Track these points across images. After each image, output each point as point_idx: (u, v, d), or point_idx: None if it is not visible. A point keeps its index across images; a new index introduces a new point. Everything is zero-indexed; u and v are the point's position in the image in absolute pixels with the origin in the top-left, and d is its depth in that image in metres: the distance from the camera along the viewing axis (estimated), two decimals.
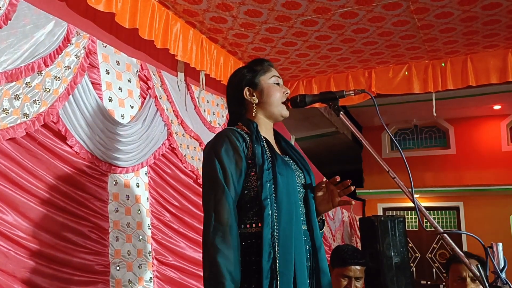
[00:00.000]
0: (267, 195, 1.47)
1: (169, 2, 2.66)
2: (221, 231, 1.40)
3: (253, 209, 1.51)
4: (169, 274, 2.59)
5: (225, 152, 1.51)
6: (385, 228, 5.46)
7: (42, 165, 1.91)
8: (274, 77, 1.69)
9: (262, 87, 1.66)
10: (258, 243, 1.44)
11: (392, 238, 5.43)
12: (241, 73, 1.72)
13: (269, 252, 1.42)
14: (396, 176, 1.39)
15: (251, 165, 1.53)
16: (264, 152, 1.54)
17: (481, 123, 8.34)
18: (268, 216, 1.45)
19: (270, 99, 1.65)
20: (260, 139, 1.57)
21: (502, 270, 1.17)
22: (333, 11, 2.83)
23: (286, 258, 1.44)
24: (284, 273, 1.41)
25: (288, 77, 4.15)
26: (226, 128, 1.62)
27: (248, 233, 1.49)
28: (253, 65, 1.72)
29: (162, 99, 2.73)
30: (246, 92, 1.68)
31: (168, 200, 2.69)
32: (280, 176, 1.51)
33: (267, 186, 1.48)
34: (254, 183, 1.52)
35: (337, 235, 6.35)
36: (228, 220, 1.42)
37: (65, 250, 1.95)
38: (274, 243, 1.43)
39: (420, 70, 3.82)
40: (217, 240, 1.39)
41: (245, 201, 1.52)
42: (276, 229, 1.45)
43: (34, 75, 1.88)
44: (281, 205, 1.48)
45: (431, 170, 8.36)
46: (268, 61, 1.74)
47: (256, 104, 1.66)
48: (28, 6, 1.89)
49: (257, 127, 1.62)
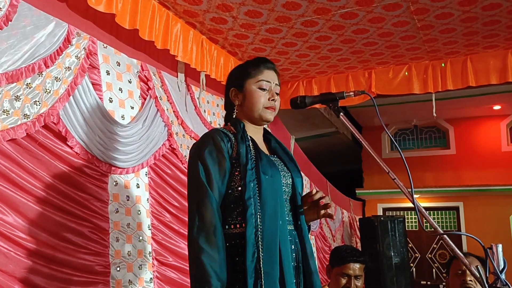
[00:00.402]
0: (250, 195, 1.47)
1: (169, 2, 2.66)
2: (205, 231, 1.42)
3: (237, 209, 1.52)
4: (169, 275, 2.59)
5: (208, 153, 1.52)
6: (385, 228, 5.47)
7: (42, 165, 1.91)
8: (262, 81, 1.64)
9: (245, 90, 1.65)
10: (242, 243, 1.45)
11: (392, 238, 5.44)
12: (234, 72, 1.74)
13: (253, 252, 1.42)
14: (396, 177, 1.39)
15: (235, 164, 1.53)
16: (248, 152, 1.54)
17: (481, 124, 8.34)
18: (251, 216, 1.45)
19: (250, 104, 1.63)
20: (245, 139, 1.57)
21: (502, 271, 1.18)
22: (333, 11, 2.83)
23: (271, 258, 1.44)
24: (269, 273, 1.42)
25: (288, 78, 4.16)
26: (212, 129, 1.64)
27: (233, 233, 1.50)
28: (247, 66, 1.70)
29: (162, 99, 2.73)
30: (231, 93, 1.69)
31: (168, 201, 2.69)
32: (264, 176, 1.51)
33: (250, 185, 1.48)
34: (238, 182, 1.52)
35: (337, 235, 6.36)
36: (212, 221, 1.44)
37: (65, 251, 1.95)
38: (258, 243, 1.44)
39: (420, 71, 3.82)
40: (201, 240, 1.41)
41: (229, 201, 1.53)
42: (260, 229, 1.45)
43: (35, 76, 1.88)
44: (266, 205, 1.48)
45: (431, 170, 8.36)
46: (266, 62, 1.69)
47: (238, 105, 1.67)
48: (28, 7, 1.89)
49: (243, 126, 1.62)
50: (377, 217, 5.70)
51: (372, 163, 8.57)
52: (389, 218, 5.60)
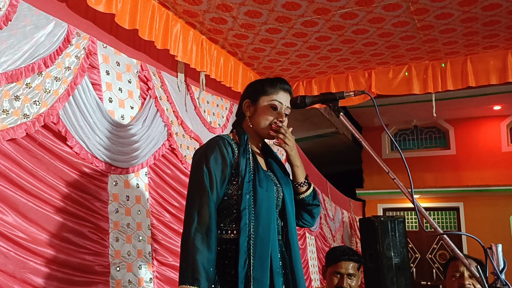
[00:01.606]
0: (245, 206, 1.58)
1: (169, 2, 2.66)
2: (202, 233, 1.52)
3: (230, 216, 1.62)
4: (169, 275, 2.59)
5: (214, 159, 1.62)
6: (385, 228, 5.46)
7: (42, 165, 1.91)
8: (275, 101, 1.72)
9: (258, 105, 1.75)
10: (233, 249, 1.57)
11: (392, 238, 5.43)
12: (253, 85, 1.83)
13: (244, 259, 1.53)
14: (396, 177, 1.39)
15: (234, 174, 1.64)
16: (248, 165, 1.65)
17: (481, 124, 8.33)
18: (245, 225, 1.56)
19: (258, 119, 1.74)
20: (247, 152, 1.67)
21: (502, 271, 1.17)
22: (333, 12, 2.83)
23: (262, 265, 1.55)
24: (259, 280, 1.52)
25: (288, 78, 4.15)
26: (217, 136, 1.73)
27: (224, 239, 1.61)
28: (266, 83, 1.77)
29: (162, 99, 2.73)
30: (245, 103, 1.79)
31: (168, 201, 2.69)
32: (260, 189, 1.62)
33: (246, 197, 1.59)
34: (234, 191, 1.63)
35: (337, 235, 6.35)
36: (209, 223, 1.54)
37: (65, 251, 1.95)
38: (250, 251, 1.54)
39: (420, 71, 3.82)
40: (198, 241, 1.50)
41: (223, 206, 1.63)
42: (252, 238, 1.56)
43: (34, 76, 1.88)
44: (260, 216, 1.59)
45: (431, 171, 8.36)
46: (284, 83, 1.77)
47: (249, 117, 1.77)
48: (28, 7, 1.89)
49: (247, 139, 1.72)
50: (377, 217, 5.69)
51: (372, 163, 8.57)
52: (389, 219, 5.59)
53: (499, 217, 7.84)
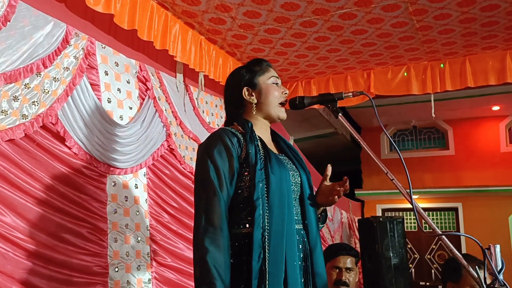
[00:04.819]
0: (259, 195, 1.47)
1: (168, 3, 2.66)
2: (211, 232, 1.42)
3: (246, 210, 1.50)
4: (167, 275, 2.59)
5: (217, 153, 1.51)
6: (384, 229, 5.46)
7: (40, 166, 1.91)
8: (273, 78, 1.69)
9: (260, 87, 1.66)
10: (249, 244, 1.45)
11: (391, 239, 5.43)
12: (239, 73, 1.72)
13: (259, 253, 1.42)
14: (394, 177, 1.39)
15: (245, 165, 1.52)
16: (257, 152, 1.53)
17: (480, 124, 8.34)
18: (259, 216, 1.45)
19: (268, 99, 1.65)
20: (254, 139, 1.57)
21: (500, 271, 1.18)
22: (332, 12, 2.83)
23: (277, 259, 1.44)
24: (274, 274, 1.42)
25: (287, 78, 4.16)
26: (220, 129, 1.62)
27: (242, 233, 1.49)
28: (251, 65, 1.72)
29: (161, 100, 2.73)
30: (245, 92, 1.67)
31: (166, 201, 2.69)
32: (273, 176, 1.50)
33: (259, 186, 1.48)
34: (247, 183, 1.51)
35: (336, 236, 6.35)
36: (219, 222, 1.43)
37: (63, 251, 1.95)
38: (265, 244, 1.43)
39: (419, 71, 3.82)
40: (207, 242, 1.40)
41: (238, 201, 1.52)
42: (267, 230, 1.45)
43: (33, 76, 1.88)
44: (273, 206, 1.48)
45: (430, 171, 8.36)
46: (266, 61, 1.74)
47: (255, 104, 1.66)
48: (27, 7, 1.89)
49: (252, 126, 1.62)
50: (376, 217, 5.68)
51: (371, 163, 8.57)
52: (388, 219, 5.59)
53: (497, 217, 7.84)
